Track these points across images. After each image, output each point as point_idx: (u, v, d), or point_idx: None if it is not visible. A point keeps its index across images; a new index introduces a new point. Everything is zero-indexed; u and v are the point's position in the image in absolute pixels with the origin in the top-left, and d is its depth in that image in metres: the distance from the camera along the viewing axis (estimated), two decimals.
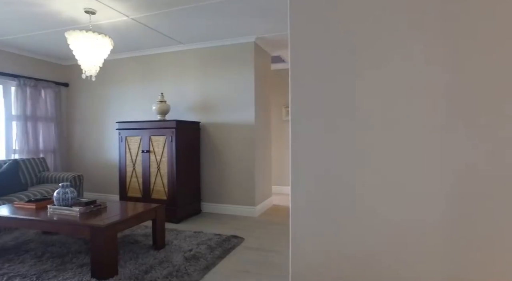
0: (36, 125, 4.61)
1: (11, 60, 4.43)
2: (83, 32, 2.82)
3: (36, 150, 4.60)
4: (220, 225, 3.66)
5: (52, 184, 4.05)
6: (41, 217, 2.44)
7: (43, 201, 2.77)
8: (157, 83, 4.58)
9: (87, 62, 2.98)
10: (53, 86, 4.84)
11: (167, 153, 3.78)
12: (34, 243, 2.99)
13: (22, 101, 4.44)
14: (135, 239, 3.10)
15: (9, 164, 3.71)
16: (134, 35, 3.89)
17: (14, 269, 2.44)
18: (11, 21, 3.39)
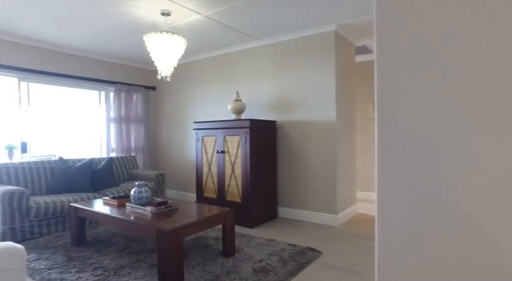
0: (129, 126, 5.05)
1: (110, 69, 4.93)
2: (158, 33, 2.86)
3: (129, 149, 5.04)
4: (296, 233, 3.35)
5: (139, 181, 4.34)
6: (117, 214, 2.53)
7: (124, 199, 2.90)
8: (233, 82, 4.52)
9: (162, 63, 3.02)
10: (142, 90, 5.24)
11: (241, 154, 3.65)
12: (118, 237, 3.18)
13: (118, 105, 4.90)
14: (206, 242, 3.02)
15: (106, 162, 4.09)
16: (209, 34, 3.87)
17: (99, 260, 2.59)
18: (107, 32, 3.71)
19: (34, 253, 2.77)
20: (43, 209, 3.17)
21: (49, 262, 2.57)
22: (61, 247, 2.90)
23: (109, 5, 2.97)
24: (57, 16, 3.23)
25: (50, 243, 3.02)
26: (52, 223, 3.29)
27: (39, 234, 3.20)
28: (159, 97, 5.53)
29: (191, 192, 5.06)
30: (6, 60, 3.87)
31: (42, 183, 3.65)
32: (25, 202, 3.09)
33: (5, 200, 2.98)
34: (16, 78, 4.03)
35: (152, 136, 5.52)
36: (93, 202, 3.06)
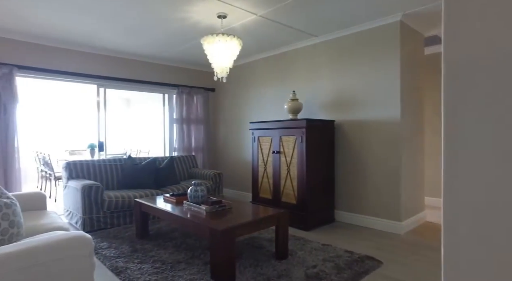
0: (190, 126, 5.30)
1: (173, 72, 5.24)
2: (214, 36, 2.92)
3: (189, 149, 5.30)
4: (354, 239, 3.14)
5: (197, 180, 4.52)
6: (174, 211, 2.64)
7: (182, 196, 3.03)
8: (289, 81, 4.44)
9: (218, 64, 3.08)
10: (202, 92, 5.46)
11: (297, 155, 3.55)
12: (177, 233, 3.33)
13: (180, 107, 5.18)
14: (260, 243, 3.00)
15: (168, 160, 4.35)
16: (264, 34, 3.85)
17: (159, 253, 2.74)
18: (169, 38, 3.94)
19: (106, 242, 3.04)
20: (114, 203, 3.48)
21: (117, 251, 2.81)
22: (127, 239, 3.15)
23: (171, 13, 3.13)
24: (127, 27, 3.52)
25: (119, 234, 3.30)
26: (121, 216, 3.60)
27: (111, 224, 3.53)
28: (218, 98, 5.71)
29: (247, 191, 5.12)
30: (87, 70, 4.36)
31: (114, 179, 4.02)
32: (100, 196, 3.43)
33: (85, 193, 3.34)
34: (95, 85, 4.52)
35: (211, 136, 5.72)
36: (155, 198, 3.26)
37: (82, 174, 3.83)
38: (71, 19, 3.32)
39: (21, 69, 3.81)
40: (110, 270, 2.45)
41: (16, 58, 3.83)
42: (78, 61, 4.29)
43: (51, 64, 4.07)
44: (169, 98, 5.33)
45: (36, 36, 3.83)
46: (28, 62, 3.90)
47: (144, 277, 2.28)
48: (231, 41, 2.99)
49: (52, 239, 1.47)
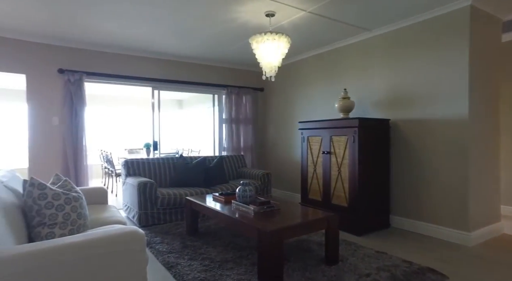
0: (239, 126, 5.36)
1: (222, 73, 5.34)
2: (262, 35, 2.89)
3: (238, 148, 5.35)
4: (413, 249, 2.88)
5: (245, 180, 4.53)
6: (223, 211, 2.66)
7: (230, 196, 3.05)
8: (340, 79, 4.25)
9: (267, 63, 3.04)
10: (251, 92, 5.48)
11: (349, 155, 3.38)
12: (225, 231, 3.37)
13: (229, 107, 5.26)
14: (308, 246, 2.90)
15: (217, 160, 4.43)
16: (314, 30, 3.73)
17: (208, 251, 2.79)
18: (218, 39, 4.01)
19: (159, 237, 3.18)
20: (166, 199, 3.63)
21: (169, 246, 2.91)
22: (179, 235, 3.26)
23: (220, 14, 3.18)
24: (178, 31, 3.66)
25: (171, 230, 3.44)
26: (173, 212, 3.75)
27: (164, 220, 3.69)
28: (266, 98, 5.69)
29: (296, 192, 5.02)
30: (143, 73, 4.63)
31: (167, 176, 4.20)
32: (154, 192, 3.60)
33: (140, 190, 3.54)
34: (150, 87, 4.78)
35: (259, 136, 5.72)
36: (205, 197, 3.33)
37: (139, 171, 4.07)
38: (129, 27, 3.54)
39: (89, 75, 4.17)
40: (162, 265, 2.54)
41: (85, 65, 4.20)
42: (136, 66, 4.58)
43: (113, 70, 4.40)
44: (219, 99, 5.44)
45: (101, 45, 4.16)
46: (95, 69, 4.26)
47: (193, 274, 2.32)
48: (280, 39, 2.94)
49: (108, 232, 1.55)
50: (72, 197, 1.95)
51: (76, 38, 3.92)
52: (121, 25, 3.51)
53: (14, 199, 1.83)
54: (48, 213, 1.81)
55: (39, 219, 1.79)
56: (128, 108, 8.55)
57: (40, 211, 1.79)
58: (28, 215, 1.80)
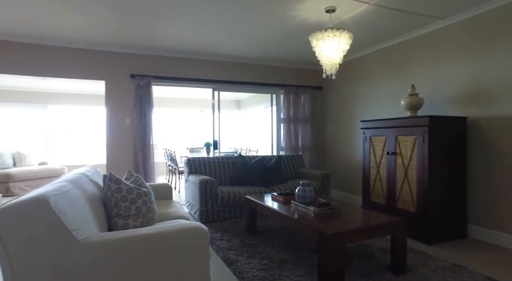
0: (297, 126, 5.30)
1: (280, 73, 5.33)
2: (322, 32, 2.81)
3: (296, 148, 5.29)
4: (500, 265, 2.53)
5: (304, 180, 4.46)
6: (281, 211, 2.64)
7: (289, 196, 3.02)
8: (406, 75, 3.94)
9: (327, 60, 2.95)
10: (309, 91, 5.38)
11: (417, 157, 3.11)
12: (283, 231, 3.35)
13: (287, 106, 5.24)
14: (372, 252, 2.74)
15: (275, 160, 4.44)
16: (378, 23, 3.51)
17: (266, 250, 2.80)
18: (277, 39, 4.01)
19: (219, 234, 3.29)
20: (226, 197, 3.74)
21: (229, 243, 2.99)
22: (238, 233, 3.33)
23: (279, 13, 3.17)
24: (237, 32, 3.74)
25: (230, 227, 3.53)
26: (232, 210, 3.84)
27: (223, 218, 3.80)
28: (325, 96, 5.54)
29: (356, 194, 4.79)
30: (205, 75, 4.84)
31: (226, 175, 4.33)
32: (214, 190, 3.74)
33: (202, 187, 3.70)
34: (211, 89, 4.97)
35: (318, 135, 5.59)
36: (263, 196, 3.35)
37: (200, 169, 4.26)
38: (192, 33, 3.72)
39: (156, 79, 4.50)
40: (222, 261, 2.61)
41: (152, 70, 4.54)
42: (197, 68, 4.81)
43: (177, 73, 4.68)
44: (277, 98, 5.45)
45: (167, 50, 4.46)
46: (161, 73, 4.58)
47: (252, 272, 2.35)
48: (341, 35, 2.83)
49: (176, 226, 1.64)
50: (143, 192, 2.10)
51: (145, 45, 4.25)
52: (185, 31, 3.70)
53: (97, 191, 2.04)
54: (123, 206, 1.98)
55: (116, 210, 1.96)
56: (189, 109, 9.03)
57: (117, 204, 1.96)
58: (107, 207, 1.99)
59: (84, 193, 1.80)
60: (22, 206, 1.27)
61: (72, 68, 4.20)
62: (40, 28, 3.61)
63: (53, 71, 4.13)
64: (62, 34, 3.79)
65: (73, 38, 3.93)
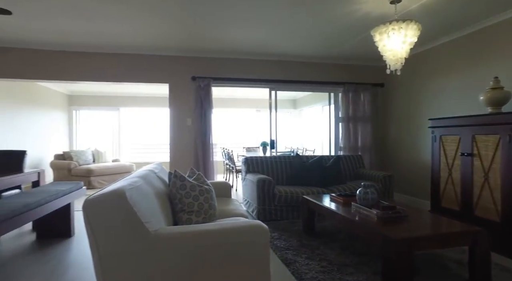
0: (356, 125, 5.07)
1: (338, 70, 5.15)
2: (386, 25, 2.63)
3: (355, 148, 5.06)
4: None
5: (365, 181, 4.24)
6: (341, 212, 2.54)
7: (349, 197, 2.89)
8: (485, 67, 3.50)
9: (391, 55, 2.76)
10: (370, 88, 5.10)
11: (502, 159, 2.75)
12: (342, 234, 3.22)
13: (346, 105, 5.04)
14: (443, 263, 2.49)
15: (334, 160, 4.30)
16: (452, 10, 3.18)
17: (325, 252, 2.72)
18: (334, 36, 3.88)
19: (277, 233, 3.29)
20: (283, 197, 3.72)
21: (286, 243, 2.97)
22: (295, 233, 3.29)
23: (338, 9, 3.06)
24: (294, 31, 3.70)
25: (287, 227, 3.51)
26: (289, 210, 3.81)
27: (280, 217, 3.79)
28: (387, 93, 5.21)
29: (423, 198, 4.42)
30: (261, 75, 4.89)
31: (283, 175, 4.31)
32: (271, 189, 3.75)
33: (260, 186, 3.74)
34: (268, 88, 5.00)
35: (379, 135, 5.28)
36: (321, 196, 3.26)
37: (257, 168, 4.30)
38: (250, 33, 3.78)
39: (215, 80, 4.67)
40: (280, 260, 2.60)
41: (212, 72, 4.73)
42: (254, 69, 4.87)
43: (235, 74, 4.80)
44: (335, 97, 5.28)
45: (225, 52, 4.60)
46: (220, 74, 4.74)
47: (311, 274, 2.29)
48: (408, 27, 2.62)
49: (237, 224, 1.67)
50: (205, 189, 2.18)
51: (204, 48, 4.43)
52: (243, 32, 3.78)
53: (163, 187, 2.18)
54: (187, 202, 2.08)
55: (181, 206, 2.07)
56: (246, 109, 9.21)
57: (181, 199, 2.07)
58: (172, 202, 2.10)
59: (152, 188, 1.93)
60: (105, 198, 1.41)
61: (141, 73, 4.57)
62: (113, 39, 3.99)
63: (124, 77, 4.53)
64: (131, 42, 4.14)
65: (141, 45, 4.26)
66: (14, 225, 2.29)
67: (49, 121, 7.01)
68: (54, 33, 3.78)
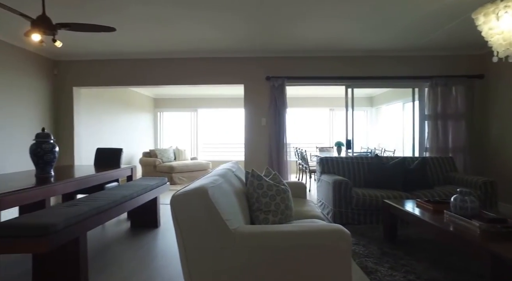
0: (446, 123, 4.50)
1: (424, 63, 4.64)
2: (495, 3, 2.25)
3: (445, 149, 4.49)
4: None
5: (458, 187, 3.73)
6: (432, 220, 2.26)
7: (441, 204, 2.57)
8: None
9: (500, 39, 2.35)
10: (464, 81, 4.48)
11: None
12: (431, 245, 2.88)
13: (433, 101, 4.52)
14: None
15: (419, 162, 3.89)
16: None
17: (411, 264, 2.46)
18: (419, 26, 3.50)
19: (355, 238, 3.10)
20: (361, 200, 3.50)
21: (366, 250, 2.78)
22: (374, 239, 3.05)
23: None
24: (374, 23, 3.44)
25: (365, 232, 3.28)
26: (367, 214, 3.57)
27: (358, 221, 3.58)
28: (489, 86, 4.50)
29: None
30: (336, 72, 4.69)
31: (360, 176, 4.06)
32: (349, 192, 3.56)
33: (336, 187, 3.58)
34: (344, 86, 4.78)
35: (476, 134, 4.60)
36: (405, 202, 2.97)
37: (333, 169, 4.13)
38: (328, 29, 3.65)
39: (289, 80, 4.64)
40: (360, 268, 2.44)
41: (285, 71, 4.71)
42: (329, 66, 4.70)
43: (309, 72, 4.70)
44: (420, 92, 4.78)
45: (299, 51, 4.54)
46: (294, 73, 4.69)
47: None
48: None
49: (317, 227, 1.60)
50: (281, 189, 2.16)
51: (278, 48, 4.44)
52: (319, 29, 3.67)
53: (241, 186, 2.22)
54: (264, 201, 2.08)
55: (257, 205, 2.08)
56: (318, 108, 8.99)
57: (258, 199, 2.08)
58: (249, 201, 2.13)
59: (231, 187, 1.97)
60: (189, 195, 1.48)
61: (218, 76, 4.79)
62: (193, 45, 4.25)
63: (203, 79, 4.81)
64: (209, 47, 4.36)
65: (218, 49, 4.47)
66: (115, 213, 2.60)
67: (139, 122, 7.86)
68: (143, 43, 4.20)
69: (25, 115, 4.28)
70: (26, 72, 4.31)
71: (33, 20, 2.44)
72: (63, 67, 4.89)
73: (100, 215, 2.37)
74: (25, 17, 2.38)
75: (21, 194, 2.17)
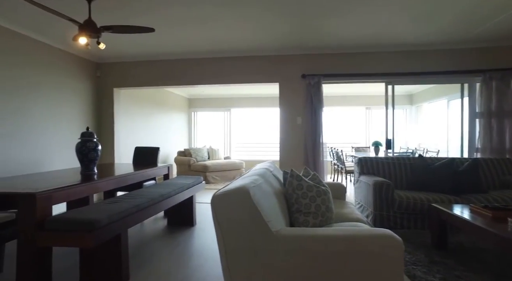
0: (502, 121, 4.11)
1: (475, 56, 4.28)
2: None
3: (500, 150, 4.10)
4: None
5: None
6: (492, 228, 2.04)
7: (501, 211, 2.31)
8: None
9: None
10: None
11: None
12: (489, 255, 2.62)
13: (487, 97, 4.15)
14: None
15: (469, 163, 3.58)
16: None
17: (466, 276, 2.25)
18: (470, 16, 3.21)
19: None
20: (405, 203, 3.28)
21: (412, 257, 2.58)
22: (421, 246, 2.84)
23: None
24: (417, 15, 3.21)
25: (411, 237, 3.07)
26: (411, 218, 3.34)
27: (401, 226, 3.36)
28: None
29: None
30: (375, 69, 4.46)
31: (402, 178, 3.82)
32: (390, 194, 3.35)
33: (376, 189, 3.39)
34: (384, 83, 4.53)
35: None
36: (455, 206, 2.73)
37: (372, 170, 3.93)
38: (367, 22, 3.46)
39: (325, 77, 4.49)
40: (407, 276, 2.27)
41: (322, 69, 4.56)
42: (368, 62, 4.48)
43: (346, 69, 4.51)
44: (469, 88, 4.42)
45: (335, 47, 4.37)
46: (330, 71, 4.53)
47: None
48: None
49: (364, 232, 1.48)
50: (322, 190, 2.05)
51: (314, 45, 4.30)
52: (363, 22, 3.50)
53: (279, 186, 2.15)
54: (304, 203, 1.98)
55: (297, 206, 1.99)
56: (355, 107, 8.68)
57: (297, 200, 1.99)
58: (288, 202, 2.04)
59: (271, 187, 1.90)
60: (230, 195, 1.43)
61: (252, 74, 4.74)
62: (229, 44, 4.23)
63: (237, 79, 4.79)
64: (245, 45, 4.32)
65: (253, 47, 4.41)
66: (154, 211, 2.64)
67: (173, 121, 8.04)
68: (180, 44, 4.26)
69: (70, 115, 4.51)
70: (71, 74, 4.54)
71: (80, 24, 2.54)
72: (105, 69, 5.11)
73: (139, 212, 2.41)
74: (73, 21, 2.48)
75: (69, 190, 2.25)
